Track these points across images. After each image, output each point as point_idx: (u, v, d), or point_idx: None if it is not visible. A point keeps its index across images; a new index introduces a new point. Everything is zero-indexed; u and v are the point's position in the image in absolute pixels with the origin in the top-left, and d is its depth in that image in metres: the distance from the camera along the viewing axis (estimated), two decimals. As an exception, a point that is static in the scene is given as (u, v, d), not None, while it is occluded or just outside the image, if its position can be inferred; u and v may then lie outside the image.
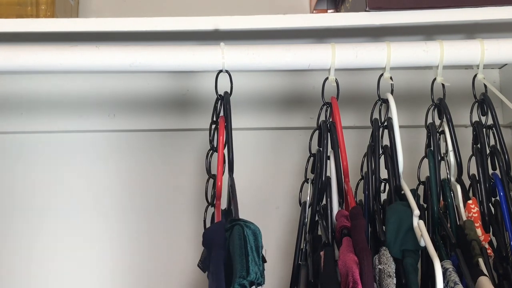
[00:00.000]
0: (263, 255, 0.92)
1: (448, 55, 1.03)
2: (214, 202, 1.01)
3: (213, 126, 1.04)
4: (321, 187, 1.03)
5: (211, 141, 1.03)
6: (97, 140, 1.34)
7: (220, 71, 1.02)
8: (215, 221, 0.98)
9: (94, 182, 1.34)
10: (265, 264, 0.92)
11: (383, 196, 1.04)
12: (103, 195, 1.33)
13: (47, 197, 1.32)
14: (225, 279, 0.87)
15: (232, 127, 1.01)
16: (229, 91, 1.02)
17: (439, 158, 1.04)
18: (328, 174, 1.03)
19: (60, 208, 1.32)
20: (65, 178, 1.33)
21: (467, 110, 1.08)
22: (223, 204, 1.01)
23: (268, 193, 1.33)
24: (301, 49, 1.03)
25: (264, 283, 0.89)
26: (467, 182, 1.04)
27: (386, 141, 1.04)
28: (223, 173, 1.00)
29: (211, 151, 1.03)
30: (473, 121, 1.06)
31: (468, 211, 1.00)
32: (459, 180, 1.04)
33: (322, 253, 0.96)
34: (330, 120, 1.06)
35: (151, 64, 1.02)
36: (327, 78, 1.04)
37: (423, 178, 1.05)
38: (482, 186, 1.02)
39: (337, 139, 1.03)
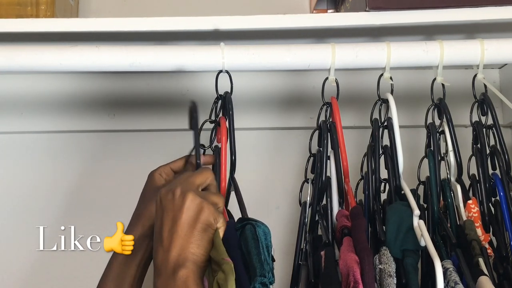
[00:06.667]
0: (272, 254, 0.92)
1: (448, 55, 1.03)
2: None
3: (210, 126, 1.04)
4: (321, 187, 1.03)
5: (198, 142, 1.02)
6: (97, 140, 1.34)
7: (220, 71, 1.02)
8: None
9: (93, 182, 1.34)
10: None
11: (383, 196, 1.04)
12: (104, 194, 1.32)
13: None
14: None
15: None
16: (229, 91, 1.02)
17: (439, 158, 1.04)
18: (328, 174, 1.03)
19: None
20: (63, 178, 1.33)
21: (467, 110, 1.07)
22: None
23: (268, 193, 1.33)
24: (301, 49, 1.03)
25: (274, 282, 0.89)
26: (467, 182, 1.04)
27: (386, 141, 1.04)
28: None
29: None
30: (473, 121, 1.06)
31: (468, 211, 1.00)
32: (459, 180, 1.04)
33: (322, 253, 0.96)
34: (330, 120, 1.06)
35: (151, 64, 1.02)
36: (327, 78, 1.04)
37: (423, 178, 1.05)
38: (482, 186, 1.02)
39: (337, 139, 1.03)
